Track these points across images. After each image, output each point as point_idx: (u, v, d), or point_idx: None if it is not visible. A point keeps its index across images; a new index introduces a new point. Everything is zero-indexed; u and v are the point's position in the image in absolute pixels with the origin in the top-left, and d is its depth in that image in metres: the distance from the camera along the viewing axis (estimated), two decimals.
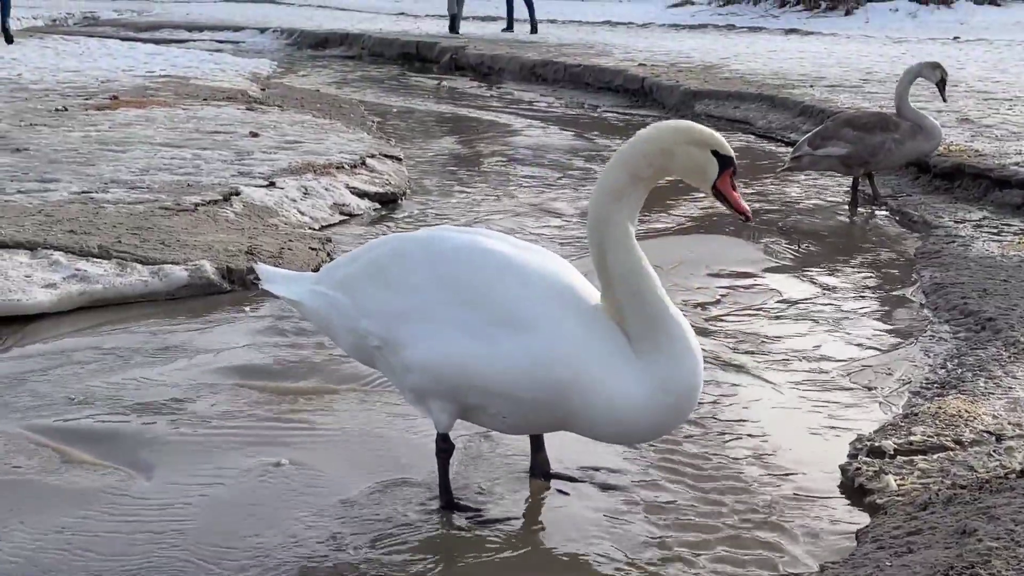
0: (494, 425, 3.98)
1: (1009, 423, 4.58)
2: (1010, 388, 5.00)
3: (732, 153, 3.69)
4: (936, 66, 9.51)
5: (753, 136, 14.04)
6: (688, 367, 3.66)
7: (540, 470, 4.30)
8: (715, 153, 3.65)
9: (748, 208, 3.71)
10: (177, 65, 20.04)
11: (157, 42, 28.33)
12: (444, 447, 4.01)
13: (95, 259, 6.68)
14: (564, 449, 4.43)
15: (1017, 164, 9.39)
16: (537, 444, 4.30)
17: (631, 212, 3.69)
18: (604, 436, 3.87)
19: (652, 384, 3.63)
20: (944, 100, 10.31)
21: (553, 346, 3.66)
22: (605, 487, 4.26)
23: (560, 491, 4.23)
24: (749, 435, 4.75)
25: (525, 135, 14.32)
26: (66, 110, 12.96)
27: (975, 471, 4.10)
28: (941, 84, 9.56)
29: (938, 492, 3.85)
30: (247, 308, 6.41)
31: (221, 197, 8.33)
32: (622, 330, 3.72)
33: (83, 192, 8.32)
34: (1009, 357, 5.39)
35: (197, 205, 8.06)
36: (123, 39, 28.91)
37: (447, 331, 3.77)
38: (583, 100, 18.38)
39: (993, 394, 4.93)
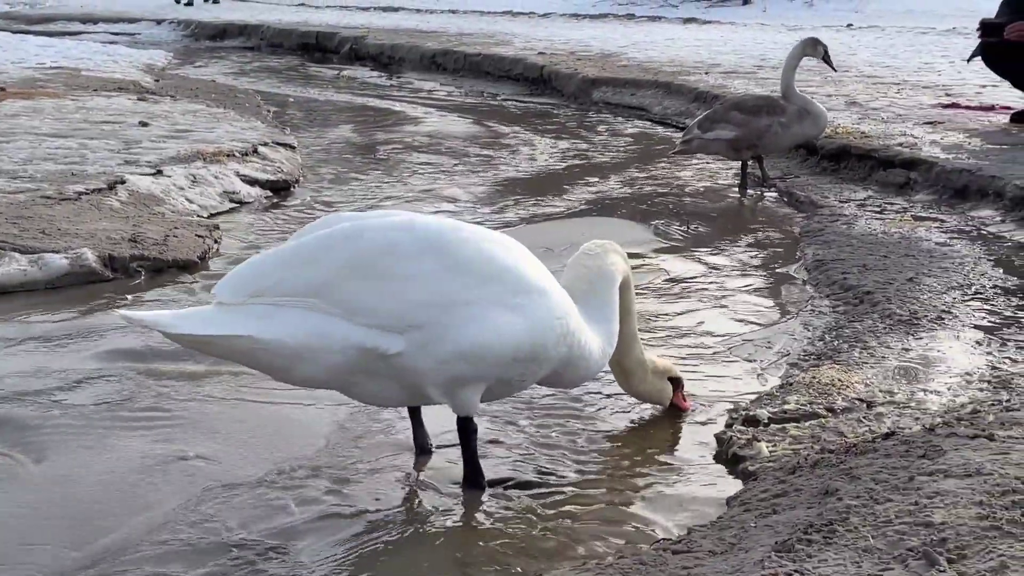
0: (502, 393, 4.08)
1: (880, 390, 4.70)
2: (883, 357, 5.12)
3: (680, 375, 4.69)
4: (815, 41, 9.65)
5: (649, 122, 14.18)
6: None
7: (422, 444, 4.32)
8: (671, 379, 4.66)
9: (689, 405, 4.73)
10: (69, 57, 19.58)
11: (50, 34, 27.65)
12: (474, 426, 3.95)
13: None
14: (430, 421, 4.41)
15: (901, 145, 9.63)
16: (417, 420, 4.31)
17: None
18: (573, 382, 4.33)
19: (603, 337, 4.19)
20: (835, 69, 10.46)
21: (561, 303, 3.94)
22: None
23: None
24: (625, 410, 4.79)
25: (423, 123, 14.28)
26: None
27: (845, 436, 4.19)
28: (826, 57, 9.68)
29: (807, 457, 3.93)
30: (129, 296, 6.30)
31: (106, 186, 8.17)
32: None
33: None
34: (884, 328, 5.53)
35: (80, 194, 7.90)
36: (14, 32, 28.11)
37: (487, 309, 3.72)
38: (483, 89, 18.37)
39: (867, 363, 5.05)
